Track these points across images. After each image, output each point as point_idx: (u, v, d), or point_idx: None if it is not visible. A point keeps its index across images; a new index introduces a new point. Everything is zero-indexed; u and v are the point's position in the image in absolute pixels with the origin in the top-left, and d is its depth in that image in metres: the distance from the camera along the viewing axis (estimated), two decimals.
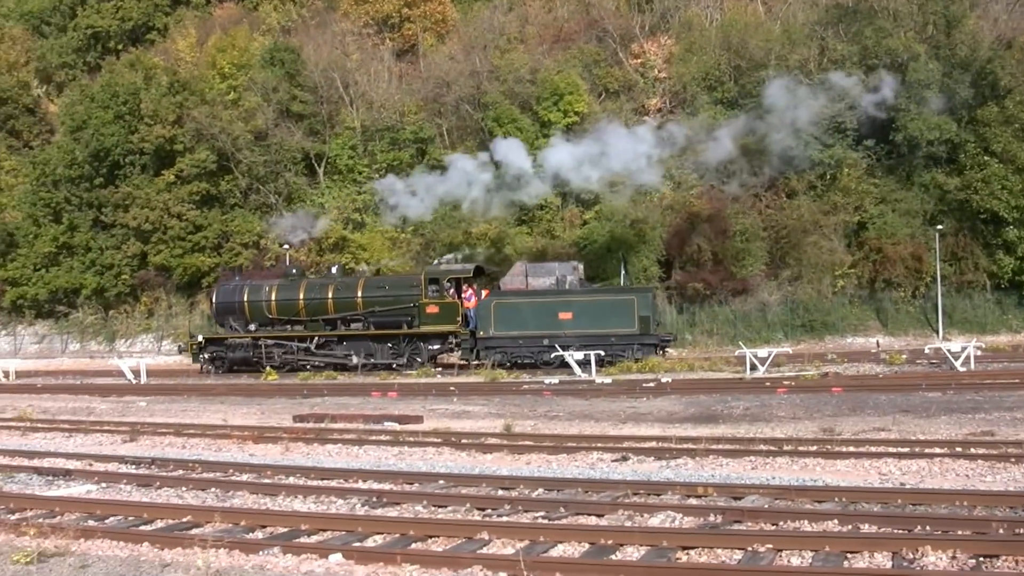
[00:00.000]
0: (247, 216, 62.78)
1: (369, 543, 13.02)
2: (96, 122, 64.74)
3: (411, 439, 22.76)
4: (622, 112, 57.75)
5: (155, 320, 63.59)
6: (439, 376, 42.07)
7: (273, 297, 48.84)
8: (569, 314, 43.38)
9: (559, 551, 12.27)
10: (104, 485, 18.40)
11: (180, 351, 53.27)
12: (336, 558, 12.02)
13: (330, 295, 47.70)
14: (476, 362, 45.55)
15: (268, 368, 46.30)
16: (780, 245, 55.74)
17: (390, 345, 46.95)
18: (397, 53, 68.86)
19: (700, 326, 54.18)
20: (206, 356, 50.24)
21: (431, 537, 13.12)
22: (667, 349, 45.00)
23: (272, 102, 64.02)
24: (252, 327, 49.37)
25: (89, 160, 65.00)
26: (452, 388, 35.43)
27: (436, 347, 46.43)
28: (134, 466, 20.38)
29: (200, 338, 50.96)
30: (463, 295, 45.89)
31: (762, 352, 38.37)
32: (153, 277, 63.87)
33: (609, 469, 18.29)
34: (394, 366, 46.18)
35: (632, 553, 12.00)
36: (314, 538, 13.38)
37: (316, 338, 48.16)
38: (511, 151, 50.44)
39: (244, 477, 18.54)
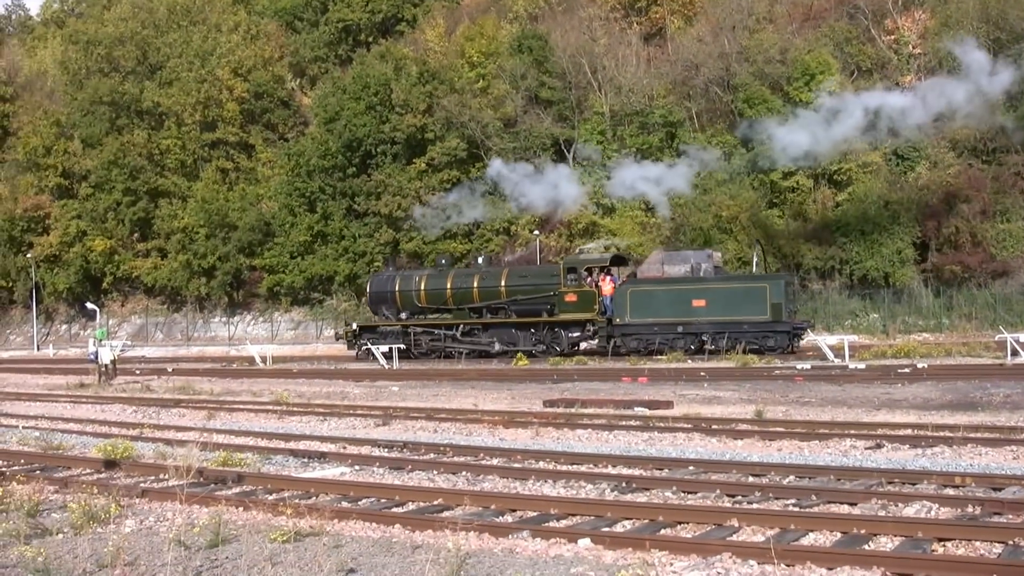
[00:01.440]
0: (497, 203, 63.40)
1: (618, 528, 12.97)
2: (348, 113, 66.40)
3: (661, 424, 22.65)
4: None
5: None
6: (689, 361, 41.91)
7: (423, 286, 50.81)
8: (703, 301, 43.84)
9: (810, 539, 12.04)
10: (357, 468, 18.73)
11: (337, 338, 55.35)
12: (585, 543, 11.99)
13: (475, 284, 49.48)
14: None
15: (519, 353, 46.89)
16: None
17: (532, 331, 48.16)
18: (644, 37, 68.81)
19: (958, 310, 52.60)
20: (362, 343, 51.89)
21: (680, 523, 13.00)
22: (802, 337, 44.40)
23: (521, 89, 64.63)
24: (403, 315, 51.17)
25: (342, 150, 66.70)
26: (703, 373, 35.24)
27: (575, 334, 47.38)
28: (387, 449, 20.70)
29: (355, 326, 53.01)
30: (601, 283, 46.48)
31: None
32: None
33: (862, 457, 17.88)
34: (533, 353, 47.33)
35: (886, 543, 11.68)
36: (563, 522, 13.38)
37: (461, 326, 49.57)
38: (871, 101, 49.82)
39: (494, 461, 18.66)
